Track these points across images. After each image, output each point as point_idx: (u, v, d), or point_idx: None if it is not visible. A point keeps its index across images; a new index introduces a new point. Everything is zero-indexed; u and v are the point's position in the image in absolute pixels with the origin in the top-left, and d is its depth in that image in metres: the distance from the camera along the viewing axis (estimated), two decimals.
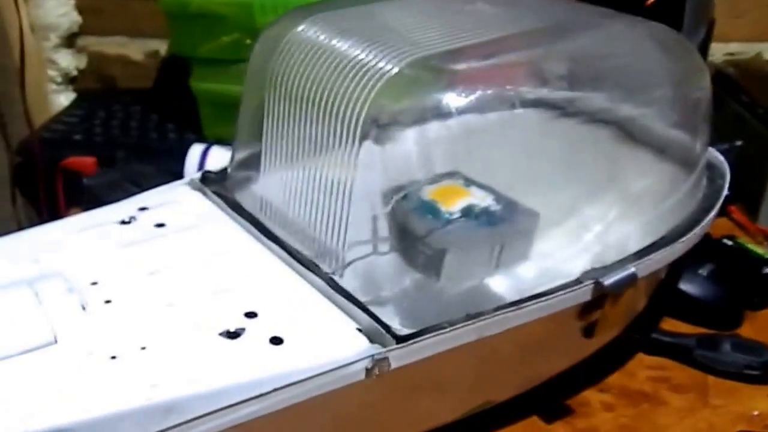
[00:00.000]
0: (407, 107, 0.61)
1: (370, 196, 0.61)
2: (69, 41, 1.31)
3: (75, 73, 1.32)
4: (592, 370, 0.72)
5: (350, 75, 0.60)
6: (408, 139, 0.61)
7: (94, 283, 0.59)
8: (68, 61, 1.30)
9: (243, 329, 0.54)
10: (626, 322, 0.69)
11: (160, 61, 1.33)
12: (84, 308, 0.56)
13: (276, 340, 0.54)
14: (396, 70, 0.59)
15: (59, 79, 1.30)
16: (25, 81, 1.15)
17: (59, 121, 1.19)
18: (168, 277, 0.60)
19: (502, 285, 0.62)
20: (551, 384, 0.67)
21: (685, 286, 0.80)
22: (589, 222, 0.65)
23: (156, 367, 0.51)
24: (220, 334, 0.54)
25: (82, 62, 1.34)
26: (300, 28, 0.67)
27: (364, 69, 0.60)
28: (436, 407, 0.61)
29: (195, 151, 0.93)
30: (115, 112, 1.21)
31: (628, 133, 0.68)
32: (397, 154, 0.61)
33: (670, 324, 0.79)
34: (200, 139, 1.00)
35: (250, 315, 0.56)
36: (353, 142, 0.59)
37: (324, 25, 0.66)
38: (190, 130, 1.10)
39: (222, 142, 0.93)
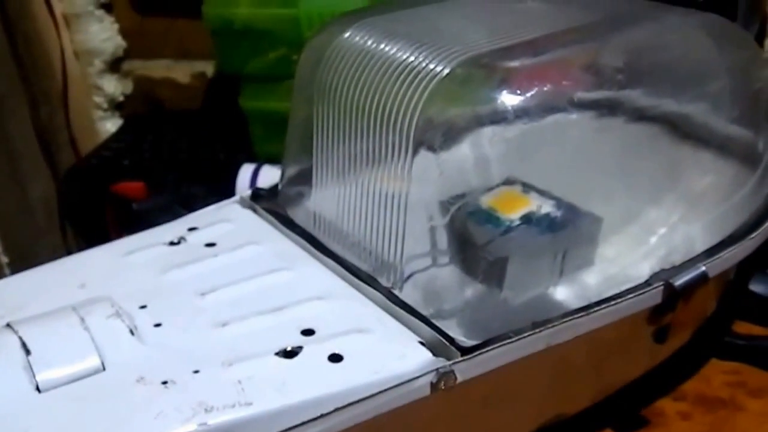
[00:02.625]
0: (461, 110, 0.59)
1: (427, 207, 0.59)
2: (114, 66, 1.31)
3: (121, 98, 1.32)
4: (666, 378, 0.70)
5: (400, 79, 0.58)
6: (463, 146, 0.59)
7: (143, 307, 0.58)
8: (114, 86, 1.30)
9: (300, 347, 0.53)
10: (698, 325, 0.67)
11: (207, 82, 1.32)
12: (133, 332, 0.54)
13: (335, 358, 0.52)
14: (447, 70, 0.57)
15: (105, 105, 1.30)
16: (69, 108, 1.14)
17: (106, 147, 1.19)
18: (219, 297, 0.59)
19: (566, 293, 0.60)
20: (624, 394, 0.65)
21: (756, 287, 0.77)
22: (653, 225, 0.64)
23: (210, 390, 0.49)
24: (277, 354, 0.52)
25: (128, 87, 1.33)
26: (346, 34, 0.65)
27: (414, 72, 0.58)
28: (507, 423, 0.59)
29: (246, 170, 0.93)
30: (163, 135, 1.20)
31: (687, 130, 0.66)
32: (453, 162, 0.59)
33: (742, 327, 0.77)
34: (251, 159, 0.99)
35: (307, 332, 0.54)
36: (407, 150, 0.57)
37: (371, 30, 0.64)
38: (240, 150, 1.09)
39: (274, 160, 0.92)
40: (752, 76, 0.70)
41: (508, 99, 0.57)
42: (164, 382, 0.50)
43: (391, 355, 0.52)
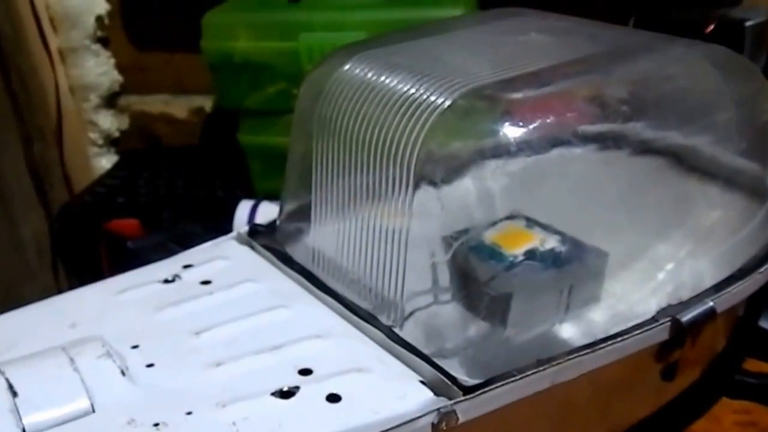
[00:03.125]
0: (463, 143, 0.58)
1: (429, 243, 0.58)
2: (110, 101, 1.30)
3: (117, 134, 1.32)
4: (675, 418, 0.68)
5: (401, 112, 0.57)
6: (466, 180, 0.58)
7: (135, 347, 0.56)
8: (109, 122, 1.30)
9: (297, 388, 0.51)
10: (707, 363, 0.65)
11: (206, 117, 1.32)
12: (124, 373, 0.53)
13: (333, 398, 0.50)
14: (449, 102, 0.56)
15: (101, 142, 1.29)
16: (63, 144, 1.14)
17: (101, 184, 1.19)
18: (214, 337, 0.57)
19: (572, 330, 0.58)
20: None
21: (766, 324, 0.76)
22: (660, 260, 0.62)
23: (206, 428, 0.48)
24: (273, 394, 0.51)
25: (124, 123, 1.33)
26: (346, 67, 0.64)
27: (415, 104, 0.57)
28: None
29: (244, 207, 0.92)
30: (159, 172, 1.20)
31: (693, 163, 0.65)
32: (455, 196, 0.57)
33: (754, 366, 0.75)
34: (250, 195, 0.99)
35: (305, 372, 0.53)
36: (407, 185, 0.56)
37: (371, 63, 0.63)
38: (239, 187, 1.09)
39: (273, 197, 0.91)
40: (759, 108, 0.69)
41: (511, 131, 0.56)
42: (156, 424, 0.48)
43: (391, 395, 0.51)
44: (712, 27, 0.87)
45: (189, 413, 0.49)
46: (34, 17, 1.21)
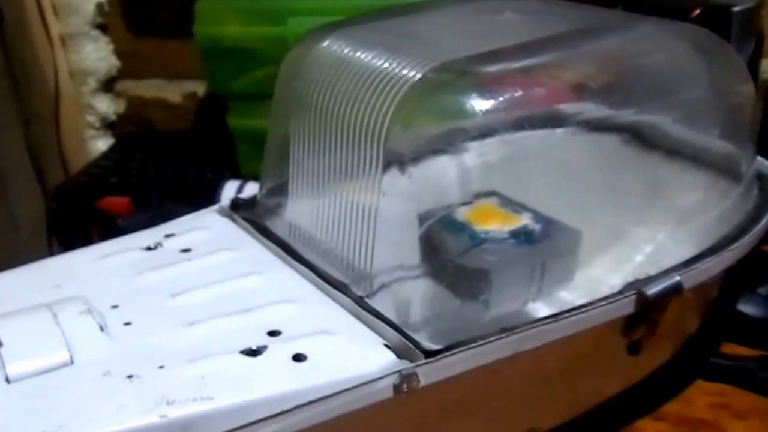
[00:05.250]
0: (432, 117, 0.59)
1: (399, 219, 0.58)
2: (107, 86, 1.31)
3: (113, 117, 1.32)
4: (646, 398, 0.68)
5: (372, 86, 0.58)
6: (437, 156, 0.59)
7: (115, 306, 0.57)
8: (106, 105, 1.31)
9: (265, 347, 0.52)
10: (678, 343, 0.66)
11: (198, 102, 1.33)
12: (102, 329, 0.54)
13: (299, 357, 0.51)
14: (419, 75, 0.56)
15: (97, 125, 1.30)
16: (60, 127, 1.15)
17: (96, 165, 1.20)
18: (190, 299, 0.58)
19: (545, 311, 0.58)
20: (602, 412, 0.64)
21: (745, 307, 0.76)
22: (635, 242, 0.63)
23: (173, 385, 0.49)
24: (241, 352, 0.52)
25: (120, 107, 1.34)
26: (323, 44, 0.65)
27: (386, 78, 0.58)
28: None
29: (230, 187, 0.93)
30: (151, 154, 1.21)
31: (667, 143, 0.65)
32: (428, 174, 0.59)
33: (731, 350, 0.76)
34: (237, 178, 0.99)
35: (273, 333, 0.54)
36: (377, 159, 0.57)
37: (347, 40, 0.64)
38: (227, 169, 1.09)
39: (258, 178, 0.92)
40: (734, 88, 0.70)
41: (480, 104, 0.56)
42: (129, 376, 0.50)
43: (354, 356, 0.51)
44: (698, 12, 0.87)
45: (161, 367, 0.50)
46: (36, 3, 1.22)
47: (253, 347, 0.52)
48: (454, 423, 0.56)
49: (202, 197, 0.96)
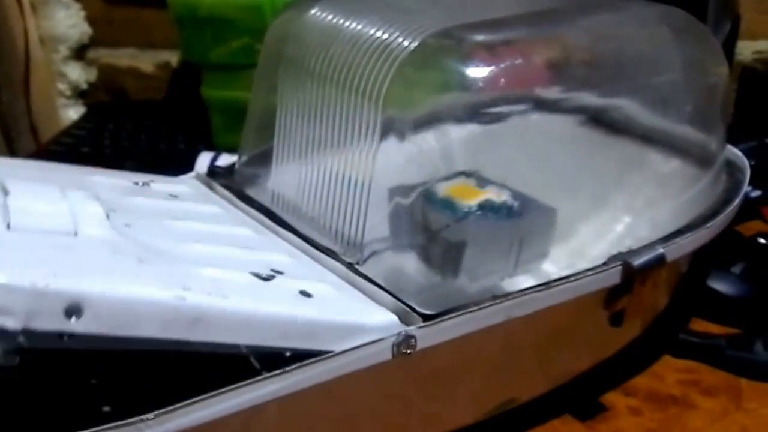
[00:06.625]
0: (432, 85, 0.60)
1: (390, 191, 0.59)
2: (79, 53, 1.30)
3: (85, 86, 1.31)
4: (616, 371, 0.69)
5: (369, 51, 0.58)
6: (430, 130, 0.59)
7: (113, 211, 0.56)
8: (78, 73, 1.30)
9: (273, 276, 0.52)
10: (649, 319, 0.67)
11: (172, 72, 1.32)
12: (108, 217, 0.53)
13: (305, 293, 0.51)
14: (417, 42, 0.57)
15: (69, 93, 1.29)
16: (31, 94, 1.13)
17: (67, 134, 1.19)
18: (189, 226, 0.58)
19: (529, 283, 0.59)
20: (577, 384, 0.65)
21: (718, 285, 0.78)
22: (611, 219, 0.65)
23: (187, 277, 0.48)
24: (252, 274, 0.52)
25: (92, 75, 1.33)
26: (313, 11, 0.65)
27: (384, 44, 0.58)
28: (460, 402, 0.59)
29: (204, 158, 0.92)
30: (124, 124, 1.20)
31: (643, 125, 0.66)
32: (418, 146, 0.59)
33: (701, 327, 0.77)
34: (211, 149, 0.98)
35: (277, 272, 0.53)
36: (374, 129, 0.57)
37: (337, 7, 0.64)
38: (200, 140, 1.09)
39: (233, 150, 0.91)
40: (708, 70, 0.71)
41: (475, 73, 0.58)
42: (140, 260, 0.49)
43: (357, 308, 0.52)
44: None
45: (170, 264, 0.50)
46: None
47: (263, 275, 0.52)
48: (433, 391, 0.56)
49: (176, 168, 0.95)
